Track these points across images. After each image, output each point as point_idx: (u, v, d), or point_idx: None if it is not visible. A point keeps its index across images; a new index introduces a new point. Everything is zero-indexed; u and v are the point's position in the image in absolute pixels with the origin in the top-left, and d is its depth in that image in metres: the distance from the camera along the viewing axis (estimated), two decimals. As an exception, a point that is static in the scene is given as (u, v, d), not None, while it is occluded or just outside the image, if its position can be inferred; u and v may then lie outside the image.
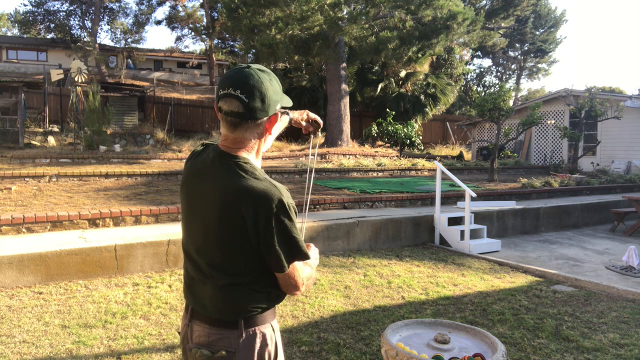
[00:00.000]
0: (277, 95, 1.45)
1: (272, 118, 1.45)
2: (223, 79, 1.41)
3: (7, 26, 40.29)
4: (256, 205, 1.34)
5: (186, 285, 1.55)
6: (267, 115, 1.43)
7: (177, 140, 16.24)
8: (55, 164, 10.21)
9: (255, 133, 1.44)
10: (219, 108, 1.41)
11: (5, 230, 5.36)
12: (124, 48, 32.83)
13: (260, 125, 1.44)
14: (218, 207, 1.39)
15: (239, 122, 1.39)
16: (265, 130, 1.46)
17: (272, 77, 1.45)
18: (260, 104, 1.38)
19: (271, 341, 1.48)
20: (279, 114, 1.49)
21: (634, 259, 5.74)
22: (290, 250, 1.40)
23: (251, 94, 1.37)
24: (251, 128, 1.42)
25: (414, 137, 16.53)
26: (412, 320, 2.57)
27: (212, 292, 1.44)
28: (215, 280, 1.43)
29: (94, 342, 3.37)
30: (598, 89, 20.25)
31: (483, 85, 37.31)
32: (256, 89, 1.38)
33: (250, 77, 1.38)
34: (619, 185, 12.22)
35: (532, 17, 33.67)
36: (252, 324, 1.44)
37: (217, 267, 1.42)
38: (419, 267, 5.75)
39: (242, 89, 1.36)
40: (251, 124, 1.41)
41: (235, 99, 1.36)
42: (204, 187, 1.44)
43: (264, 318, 1.47)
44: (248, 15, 14.04)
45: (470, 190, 6.77)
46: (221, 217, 1.39)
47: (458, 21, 14.81)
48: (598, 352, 3.45)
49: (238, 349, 1.42)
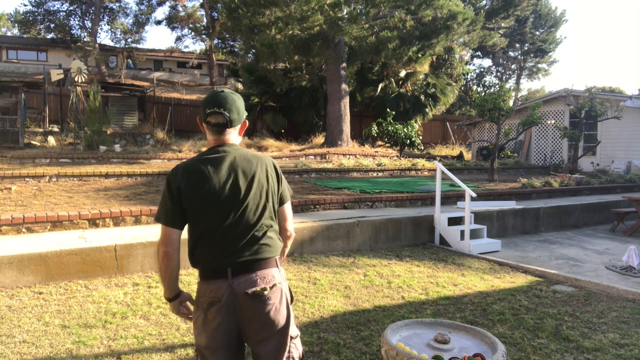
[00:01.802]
0: (244, 109, 2.09)
1: (243, 125, 2.09)
2: (207, 101, 1.97)
3: (7, 26, 40.29)
4: (275, 166, 2.12)
5: (224, 252, 1.91)
6: (240, 123, 2.06)
7: (177, 140, 16.24)
8: (55, 164, 10.21)
9: (235, 134, 2.06)
10: (207, 122, 1.98)
11: (5, 230, 5.36)
12: (124, 48, 32.83)
13: (237, 129, 2.07)
14: (264, 175, 2.01)
15: (224, 130, 1.99)
16: (240, 132, 2.10)
17: (239, 97, 2.04)
18: (237, 116, 2.01)
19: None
20: (246, 122, 2.12)
21: (634, 259, 5.74)
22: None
23: (230, 110, 1.97)
24: (232, 132, 2.03)
25: (414, 137, 16.53)
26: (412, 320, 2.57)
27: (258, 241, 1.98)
28: (261, 230, 1.98)
29: (94, 342, 3.37)
30: (598, 89, 20.25)
31: (483, 85, 37.31)
32: (233, 106, 1.98)
33: (228, 99, 1.98)
34: (619, 185, 12.22)
35: (532, 17, 33.68)
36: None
37: (261, 219, 1.98)
38: (419, 267, 5.75)
39: (224, 107, 1.96)
40: (232, 129, 2.03)
41: (220, 114, 1.96)
42: (244, 171, 1.98)
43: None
44: (248, 15, 14.03)
45: (470, 190, 6.77)
46: (266, 180, 2.02)
47: (458, 21, 14.81)
48: (598, 352, 3.45)
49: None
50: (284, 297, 1.97)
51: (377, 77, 21.07)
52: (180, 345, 3.40)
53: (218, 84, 32.45)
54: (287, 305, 1.99)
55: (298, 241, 5.99)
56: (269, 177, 2.02)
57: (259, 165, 2.00)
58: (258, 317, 1.90)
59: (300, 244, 6.03)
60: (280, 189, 2.08)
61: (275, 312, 1.92)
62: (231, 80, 31.90)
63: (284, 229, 2.15)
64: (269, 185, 2.01)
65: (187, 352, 3.30)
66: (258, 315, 1.90)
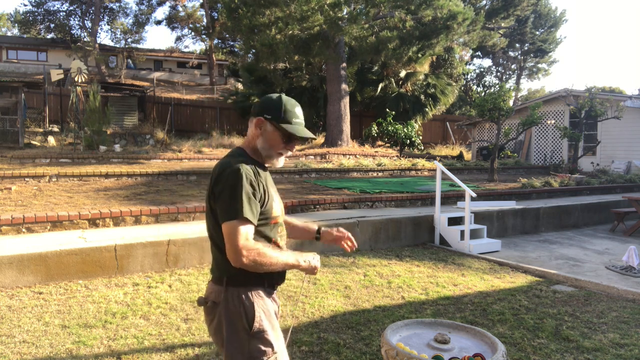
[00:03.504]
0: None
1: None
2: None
3: (7, 26, 40.30)
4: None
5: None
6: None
7: (177, 140, 16.24)
8: (55, 164, 10.21)
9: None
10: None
11: (5, 230, 5.36)
12: (124, 48, 32.85)
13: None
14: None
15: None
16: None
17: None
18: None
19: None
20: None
21: (634, 259, 5.74)
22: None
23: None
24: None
25: (414, 137, 16.52)
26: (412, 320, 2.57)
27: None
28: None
29: (94, 342, 3.37)
30: (598, 89, 20.24)
31: (483, 85, 37.29)
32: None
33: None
34: (619, 185, 12.22)
35: (532, 17, 33.68)
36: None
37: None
38: (419, 267, 5.75)
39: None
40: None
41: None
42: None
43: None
44: (248, 15, 14.03)
45: (470, 190, 6.77)
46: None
47: (458, 21, 14.81)
48: (598, 352, 3.45)
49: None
50: (221, 320, 1.78)
51: (377, 77, 21.07)
52: (180, 345, 3.40)
53: (218, 84, 32.45)
54: (234, 331, 1.76)
55: (298, 241, 5.98)
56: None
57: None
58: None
59: (301, 244, 6.03)
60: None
61: (214, 331, 1.83)
62: (231, 80, 31.91)
63: None
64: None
65: (187, 352, 3.30)
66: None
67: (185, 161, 12.58)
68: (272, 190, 1.89)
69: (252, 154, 1.87)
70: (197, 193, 7.90)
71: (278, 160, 1.91)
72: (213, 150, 14.77)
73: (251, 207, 1.71)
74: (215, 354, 3.28)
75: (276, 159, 1.90)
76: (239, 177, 1.70)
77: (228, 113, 21.88)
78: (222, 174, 1.73)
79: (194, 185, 8.84)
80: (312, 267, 1.89)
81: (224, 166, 1.76)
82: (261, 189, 1.78)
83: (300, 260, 1.84)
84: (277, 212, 1.88)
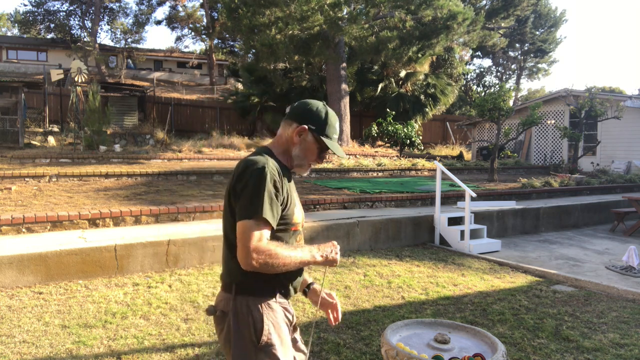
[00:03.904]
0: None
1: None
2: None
3: (7, 26, 40.31)
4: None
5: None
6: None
7: (177, 140, 16.22)
8: (55, 164, 10.20)
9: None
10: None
11: (5, 230, 5.36)
12: (124, 48, 32.85)
13: None
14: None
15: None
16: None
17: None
18: None
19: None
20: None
21: (634, 259, 5.74)
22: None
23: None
24: None
25: (414, 137, 16.52)
26: (412, 320, 2.57)
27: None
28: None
29: (94, 342, 3.37)
30: (598, 89, 20.25)
31: (483, 85, 37.29)
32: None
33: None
34: (619, 185, 12.21)
35: (532, 17, 33.68)
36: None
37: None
38: (419, 267, 5.75)
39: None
40: None
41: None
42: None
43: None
44: (248, 15, 14.03)
45: (470, 190, 6.76)
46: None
47: (458, 21, 14.81)
48: (598, 352, 3.45)
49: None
50: (235, 330, 1.71)
51: (377, 77, 21.07)
52: (180, 345, 3.40)
53: (218, 84, 32.46)
54: (241, 342, 1.70)
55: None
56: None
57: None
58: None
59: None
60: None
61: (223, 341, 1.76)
62: (231, 80, 31.91)
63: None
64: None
65: (187, 352, 3.30)
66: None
67: (185, 161, 12.58)
68: (294, 195, 1.82)
69: (281, 156, 1.81)
70: (197, 193, 7.90)
71: (306, 171, 1.87)
72: (213, 150, 14.76)
73: (272, 208, 1.63)
74: (216, 354, 3.28)
75: (306, 169, 1.86)
76: (263, 176, 1.62)
77: (228, 113, 21.88)
78: (246, 171, 1.65)
79: (194, 185, 8.84)
80: (330, 259, 1.78)
81: (248, 163, 1.67)
82: (284, 191, 1.71)
83: (317, 254, 1.74)
84: (298, 218, 1.81)
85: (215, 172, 9.99)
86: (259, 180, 1.62)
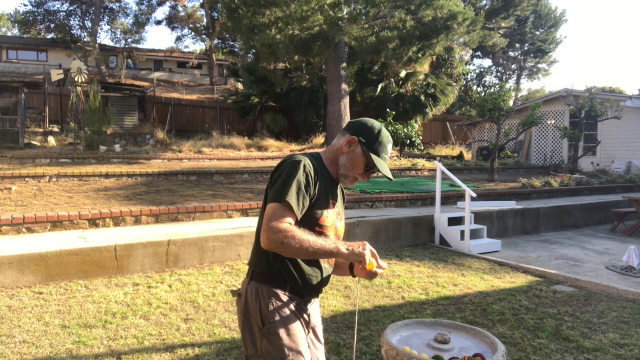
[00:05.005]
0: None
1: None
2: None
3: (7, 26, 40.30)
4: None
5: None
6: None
7: (177, 140, 16.23)
8: (55, 164, 10.20)
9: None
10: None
11: (5, 230, 5.36)
12: (124, 48, 32.84)
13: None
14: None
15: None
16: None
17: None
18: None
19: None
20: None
21: (634, 259, 5.74)
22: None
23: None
24: None
25: (414, 137, 16.51)
26: (412, 320, 2.57)
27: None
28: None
29: (94, 342, 3.37)
30: (598, 89, 20.23)
31: (483, 85, 37.31)
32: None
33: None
34: (619, 185, 12.21)
35: (532, 17, 33.69)
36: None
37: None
38: (419, 267, 5.75)
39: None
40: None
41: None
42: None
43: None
44: (248, 15, 14.03)
45: (470, 190, 6.76)
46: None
47: (458, 21, 14.79)
48: (598, 352, 3.45)
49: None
50: (244, 312, 1.83)
51: (377, 77, 21.07)
52: (180, 345, 3.40)
53: (218, 84, 32.45)
54: (249, 324, 1.81)
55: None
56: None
57: None
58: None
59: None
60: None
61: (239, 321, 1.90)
62: (231, 80, 31.91)
63: None
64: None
65: (187, 352, 3.30)
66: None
67: (185, 161, 12.58)
68: (336, 201, 1.90)
69: (328, 163, 1.90)
70: (197, 193, 7.90)
71: (351, 183, 1.90)
72: (213, 150, 14.77)
73: (298, 197, 1.68)
74: (216, 354, 3.28)
75: (350, 181, 1.89)
76: (297, 167, 1.72)
77: (228, 113, 21.88)
78: (284, 163, 1.76)
79: (194, 185, 8.84)
80: (356, 253, 1.69)
81: (287, 158, 1.79)
82: (317, 188, 1.76)
83: (342, 247, 1.68)
84: (326, 221, 1.82)
85: (215, 172, 9.99)
86: (292, 170, 1.71)
